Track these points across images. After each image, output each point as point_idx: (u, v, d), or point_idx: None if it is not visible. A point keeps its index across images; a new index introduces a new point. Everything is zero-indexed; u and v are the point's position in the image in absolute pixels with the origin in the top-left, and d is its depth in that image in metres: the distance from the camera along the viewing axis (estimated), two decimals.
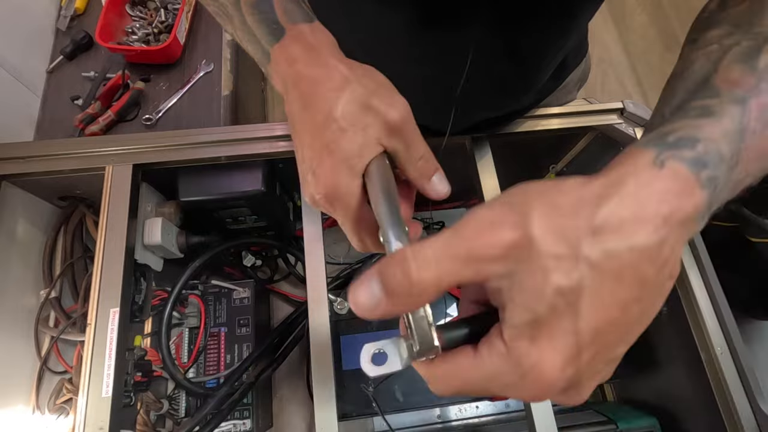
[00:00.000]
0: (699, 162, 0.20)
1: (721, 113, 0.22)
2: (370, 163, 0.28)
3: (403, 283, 0.18)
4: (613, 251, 0.18)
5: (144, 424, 0.59)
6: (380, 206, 0.27)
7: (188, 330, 0.67)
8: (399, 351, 0.22)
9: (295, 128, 0.30)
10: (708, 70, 0.25)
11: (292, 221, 0.77)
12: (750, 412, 0.50)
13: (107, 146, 0.56)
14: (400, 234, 0.25)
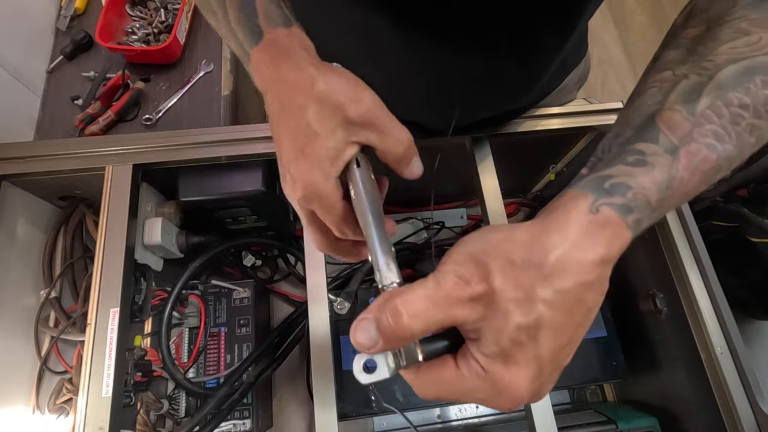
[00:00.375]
0: (627, 208, 0.24)
1: (654, 164, 0.25)
2: (350, 162, 0.29)
3: (396, 331, 0.22)
4: (562, 290, 0.22)
5: (144, 424, 0.59)
6: (368, 227, 0.28)
7: (188, 330, 0.67)
8: (387, 361, 0.25)
9: (274, 130, 0.31)
10: (656, 104, 0.27)
11: (292, 221, 0.77)
12: (750, 412, 0.50)
13: (107, 146, 0.56)
14: (389, 260, 0.27)
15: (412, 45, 0.43)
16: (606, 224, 0.23)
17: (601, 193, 0.24)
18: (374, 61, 0.46)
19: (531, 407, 0.48)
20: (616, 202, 0.24)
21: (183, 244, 0.63)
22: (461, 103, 0.49)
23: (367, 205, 0.29)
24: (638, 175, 0.25)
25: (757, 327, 0.71)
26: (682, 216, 0.57)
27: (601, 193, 0.24)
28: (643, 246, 0.65)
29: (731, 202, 0.64)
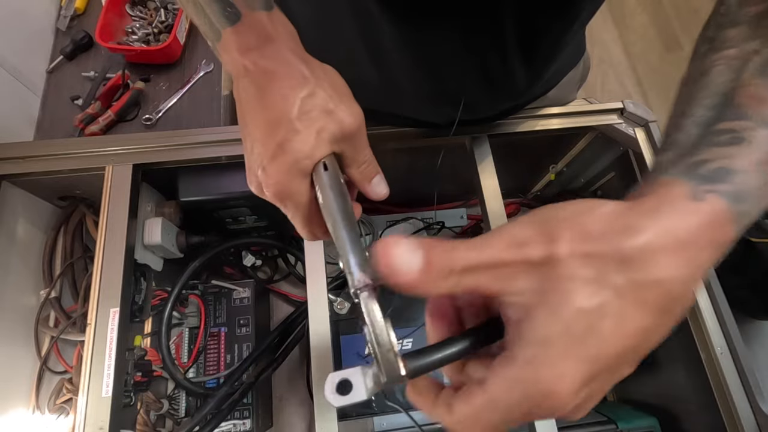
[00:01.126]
0: (737, 197, 0.20)
1: (751, 140, 0.21)
2: (319, 163, 0.29)
3: (443, 266, 0.19)
4: (641, 282, 0.18)
5: (144, 424, 0.59)
6: (338, 229, 0.27)
7: (188, 330, 0.67)
8: (365, 380, 0.22)
9: (245, 119, 0.31)
10: (729, 82, 0.25)
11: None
12: (750, 412, 0.50)
13: (107, 146, 0.56)
14: (362, 262, 0.25)
15: (413, 40, 0.43)
16: (712, 214, 0.19)
17: (701, 180, 0.20)
18: (373, 56, 0.45)
19: None
20: (723, 189, 0.20)
21: (183, 244, 0.63)
22: (464, 99, 0.48)
23: (336, 208, 0.28)
24: (738, 156, 0.21)
25: (757, 327, 0.71)
26: None
27: (702, 180, 0.20)
28: None
29: None
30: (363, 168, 0.31)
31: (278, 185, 0.29)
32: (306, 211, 0.30)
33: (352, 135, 0.29)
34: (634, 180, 0.63)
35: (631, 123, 0.62)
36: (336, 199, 0.28)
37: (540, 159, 0.79)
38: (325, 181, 0.29)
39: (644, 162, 0.60)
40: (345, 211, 0.28)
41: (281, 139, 0.28)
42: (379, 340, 0.22)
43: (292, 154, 0.28)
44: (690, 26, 1.56)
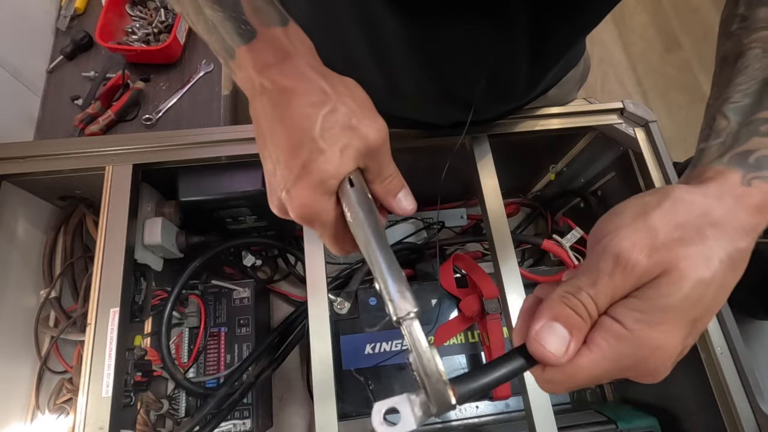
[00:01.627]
0: None
1: None
2: (344, 180, 0.28)
3: (581, 323, 0.23)
4: (731, 251, 0.23)
5: (144, 424, 0.59)
6: (373, 252, 0.26)
7: (188, 330, 0.67)
8: (413, 409, 0.22)
9: (265, 139, 0.29)
10: (766, 68, 0.27)
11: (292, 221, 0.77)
12: (750, 412, 0.50)
13: (107, 146, 0.56)
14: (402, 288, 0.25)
15: (418, 39, 0.42)
16: (761, 195, 0.24)
17: (749, 168, 0.24)
18: (377, 57, 0.45)
19: (531, 407, 0.48)
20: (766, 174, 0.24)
21: (183, 244, 0.63)
22: (473, 101, 0.48)
23: (367, 226, 0.27)
24: None
25: (757, 327, 0.71)
26: None
27: (749, 168, 0.24)
28: None
29: None
30: (387, 182, 0.30)
31: (305, 207, 0.28)
32: (334, 230, 0.29)
33: (376, 150, 0.28)
34: (634, 180, 0.63)
35: (631, 123, 0.62)
36: (366, 217, 0.27)
37: (540, 159, 0.79)
38: (353, 199, 0.28)
39: (644, 162, 0.60)
40: (376, 230, 0.27)
41: (305, 160, 0.27)
42: (428, 370, 0.22)
43: (317, 175, 0.27)
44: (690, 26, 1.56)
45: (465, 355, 0.67)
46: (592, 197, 0.77)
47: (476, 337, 0.68)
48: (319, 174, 0.27)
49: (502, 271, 0.53)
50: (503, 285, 0.53)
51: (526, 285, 0.53)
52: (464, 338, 0.68)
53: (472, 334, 0.68)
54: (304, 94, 0.28)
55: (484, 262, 0.80)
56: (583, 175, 0.77)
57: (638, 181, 0.62)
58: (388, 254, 0.26)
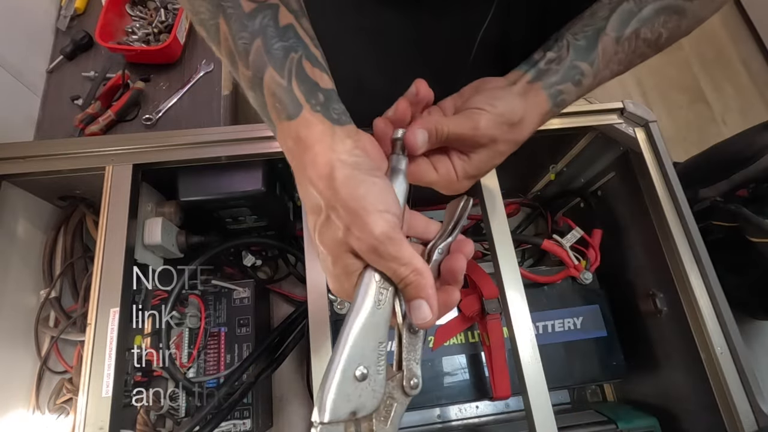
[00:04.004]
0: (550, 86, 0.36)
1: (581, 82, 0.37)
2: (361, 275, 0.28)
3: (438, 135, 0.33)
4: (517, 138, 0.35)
5: (144, 424, 0.59)
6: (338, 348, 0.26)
7: (188, 330, 0.67)
8: None
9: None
10: (601, 21, 0.36)
11: (292, 221, 0.77)
12: (750, 412, 0.50)
13: (107, 146, 0.56)
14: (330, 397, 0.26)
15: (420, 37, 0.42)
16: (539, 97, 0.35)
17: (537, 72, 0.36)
18: (382, 65, 0.45)
19: (531, 407, 0.48)
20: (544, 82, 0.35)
21: (183, 244, 0.63)
22: None
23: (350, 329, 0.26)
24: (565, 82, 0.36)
25: (757, 327, 0.71)
26: (682, 216, 0.57)
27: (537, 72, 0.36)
28: (643, 246, 0.65)
29: (731, 202, 0.64)
30: (402, 287, 0.28)
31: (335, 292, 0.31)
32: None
33: (366, 254, 0.27)
34: (634, 180, 0.63)
35: (631, 123, 0.62)
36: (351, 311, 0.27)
37: (540, 159, 0.79)
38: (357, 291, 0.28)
39: (644, 162, 0.60)
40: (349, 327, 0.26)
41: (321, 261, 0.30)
42: None
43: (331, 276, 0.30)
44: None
45: (465, 355, 0.67)
46: (592, 197, 0.77)
47: (476, 337, 0.68)
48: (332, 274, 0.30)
49: (502, 271, 0.53)
50: (503, 285, 0.53)
51: (526, 285, 0.53)
52: (464, 338, 0.68)
53: (472, 334, 0.68)
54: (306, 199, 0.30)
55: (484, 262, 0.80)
56: (583, 175, 0.77)
57: (638, 180, 0.62)
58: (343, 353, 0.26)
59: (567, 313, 0.69)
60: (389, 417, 0.27)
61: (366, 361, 0.26)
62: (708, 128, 1.43)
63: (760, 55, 1.52)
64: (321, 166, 0.27)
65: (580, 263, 0.69)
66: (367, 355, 0.26)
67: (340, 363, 0.25)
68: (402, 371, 0.28)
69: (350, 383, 0.25)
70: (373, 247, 0.27)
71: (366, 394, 0.26)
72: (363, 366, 0.26)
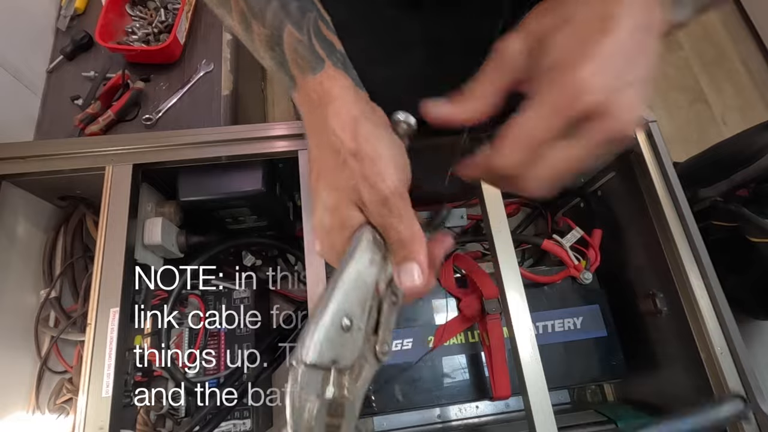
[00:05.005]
0: None
1: None
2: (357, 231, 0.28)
3: None
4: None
5: (144, 424, 0.59)
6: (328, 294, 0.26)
7: (188, 330, 0.67)
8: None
9: None
10: None
11: (292, 221, 0.77)
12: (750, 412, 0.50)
13: (107, 146, 0.56)
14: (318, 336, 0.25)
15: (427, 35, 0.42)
16: None
17: None
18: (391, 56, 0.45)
19: (531, 407, 0.48)
20: None
21: (183, 244, 0.63)
22: None
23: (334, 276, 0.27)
24: None
25: (757, 327, 0.71)
26: (682, 216, 0.57)
27: None
28: (643, 246, 0.65)
29: (731, 202, 0.64)
30: (395, 249, 0.28)
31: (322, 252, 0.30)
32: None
33: (373, 206, 0.27)
34: (634, 179, 0.63)
35: None
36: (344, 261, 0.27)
37: None
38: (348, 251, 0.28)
39: (644, 162, 0.60)
40: (337, 283, 0.26)
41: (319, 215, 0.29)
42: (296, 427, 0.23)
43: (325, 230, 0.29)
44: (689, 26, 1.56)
45: (465, 355, 0.67)
46: (592, 197, 0.77)
47: (476, 337, 0.68)
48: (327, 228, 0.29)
49: (502, 271, 0.53)
50: (503, 285, 0.53)
51: (526, 285, 0.53)
52: (464, 338, 0.68)
53: (472, 334, 0.68)
54: (321, 146, 0.29)
55: (484, 262, 0.80)
56: (583, 175, 0.77)
57: (638, 180, 0.62)
58: (332, 301, 0.26)
59: (567, 313, 0.69)
60: (359, 377, 0.27)
61: (352, 313, 0.26)
62: (708, 128, 1.43)
63: (760, 55, 1.52)
64: (345, 117, 0.28)
65: (580, 263, 0.69)
66: (354, 308, 0.26)
67: (330, 307, 0.25)
68: (377, 336, 0.28)
69: (336, 330, 0.25)
70: (384, 199, 0.27)
71: (347, 346, 0.26)
72: (348, 317, 0.26)
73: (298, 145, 0.57)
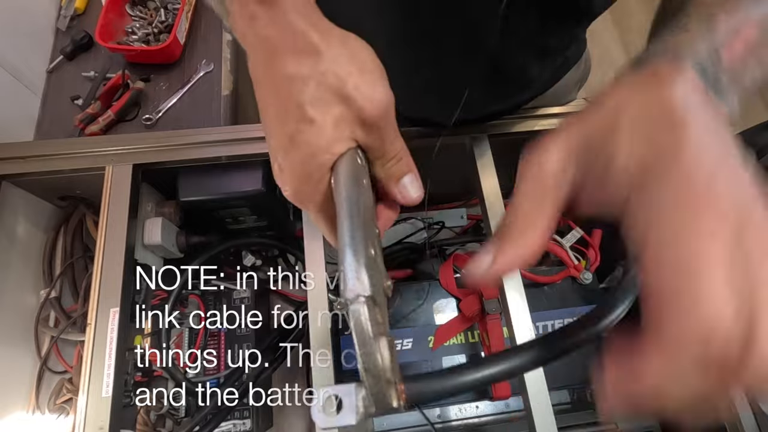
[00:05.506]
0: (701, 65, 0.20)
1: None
2: (340, 158, 0.24)
3: None
4: None
5: (144, 424, 0.59)
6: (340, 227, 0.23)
7: (188, 330, 0.67)
8: (357, 403, 0.19)
9: (260, 104, 0.25)
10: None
11: (292, 221, 0.77)
12: (750, 412, 0.50)
13: (107, 146, 0.56)
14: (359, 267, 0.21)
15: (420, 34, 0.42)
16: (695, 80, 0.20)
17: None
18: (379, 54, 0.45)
19: (531, 407, 0.48)
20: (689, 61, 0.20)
21: (183, 244, 0.63)
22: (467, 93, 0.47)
23: (344, 195, 0.23)
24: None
25: None
26: None
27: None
28: None
29: None
30: (390, 165, 0.26)
31: (294, 183, 0.25)
32: (327, 212, 0.26)
33: (375, 124, 0.24)
34: None
35: None
36: (347, 199, 0.23)
37: None
38: (340, 179, 0.24)
39: None
40: (355, 202, 0.23)
41: (292, 131, 0.23)
42: (368, 365, 0.19)
43: (307, 148, 0.23)
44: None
45: (465, 355, 0.67)
46: None
47: (476, 337, 0.68)
48: (309, 148, 0.23)
49: None
50: (503, 285, 0.53)
51: (526, 285, 0.53)
52: (464, 338, 0.68)
53: (472, 334, 0.68)
54: (289, 51, 0.23)
55: None
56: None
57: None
58: (358, 230, 0.22)
59: (567, 313, 0.69)
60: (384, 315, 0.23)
61: (372, 242, 0.23)
62: None
63: None
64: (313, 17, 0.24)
65: (580, 263, 0.69)
66: (372, 236, 0.23)
67: (361, 238, 0.22)
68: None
69: (371, 261, 0.22)
70: (385, 112, 0.24)
71: (376, 275, 0.22)
72: (372, 246, 0.22)
73: None
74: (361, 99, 0.23)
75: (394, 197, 0.27)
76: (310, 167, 0.24)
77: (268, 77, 0.24)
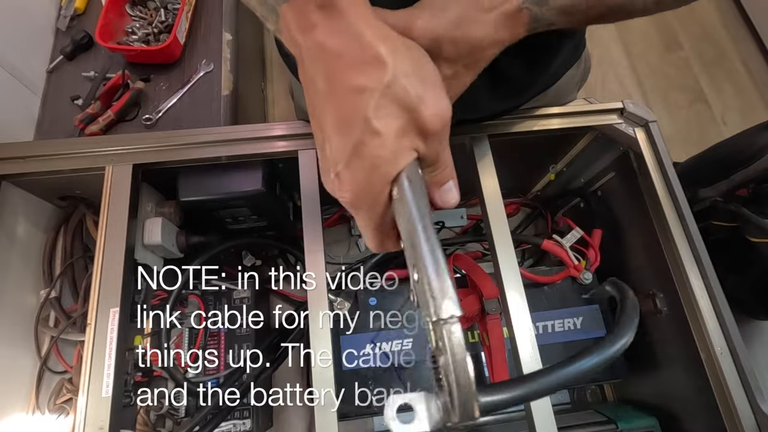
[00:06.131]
0: None
1: None
2: (403, 170, 0.25)
3: None
4: None
5: (144, 424, 0.59)
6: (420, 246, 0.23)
7: (188, 330, 0.67)
8: (429, 410, 0.21)
9: (316, 112, 0.25)
10: None
11: (292, 221, 0.77)
12: (750, 412, 0.50)
13: (107, 146, 0.56)
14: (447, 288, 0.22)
15: None
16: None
17: None
18: None
19: (531, 407, 0.48)
20: None
21: (183, 244, 0.63)
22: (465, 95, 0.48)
23: (418, 219, 0.23)
24: None
25: (757, 327, 0.71)
26: (682, 216, 0.57)
27: None
28: (643, 246, 0.65)
29: (731, 202, 0.64)
30: (438, 172, 0.27)
31: (353, 193, 0.25)
32: (380, 222, 0.26)
33: (435, 135, 0.24)
34: (634, 180, 0.63)
35: (631, 123, 0.62)
36: (418, 211, 0.24)
37: (540, 159, 0.79)
38: (407, 192, 0.24)
39: (644, 162, 0.60)
40: (427, 226, 0.24)
41: (356, 141, 0.23)
42: (461, 380, 0.21)
43: (371, 160, 0.23)
44: (689, 26, 1.56)
45: None
46: (592, 197, 0.77)
47: (476, 337, 0.68)
48: (373, 160, 0.23)
49: (502, 271, 0.53)
50: (503, 285, 0.53)
51: (526, 285, 0.53)
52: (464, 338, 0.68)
53: (472, 334, 0.68)
54: (357, 62, 0.23)
55: (484, 262, 0.80)
56: (583, 175, 0.77)
57: (638, 181, 0.62)
58: (435, 248, 0.23)
59: (567, 313, 0.69)
60: None
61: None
62: (708, 128, 1.43)
63: (760, 55, 1.52)
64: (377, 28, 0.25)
65: (580, 263, 0.69)
66: None
67: (441, 256, 0.23)
68: None
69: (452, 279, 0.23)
70: (447, 124, 0.25)
71: None
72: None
73: (298, 145, 0.57)
74: (426, 111, 0.24)
75: (433, 201, 0.28)
76: (373, 178, 0.24)
77: (330, 87, 0.24)
